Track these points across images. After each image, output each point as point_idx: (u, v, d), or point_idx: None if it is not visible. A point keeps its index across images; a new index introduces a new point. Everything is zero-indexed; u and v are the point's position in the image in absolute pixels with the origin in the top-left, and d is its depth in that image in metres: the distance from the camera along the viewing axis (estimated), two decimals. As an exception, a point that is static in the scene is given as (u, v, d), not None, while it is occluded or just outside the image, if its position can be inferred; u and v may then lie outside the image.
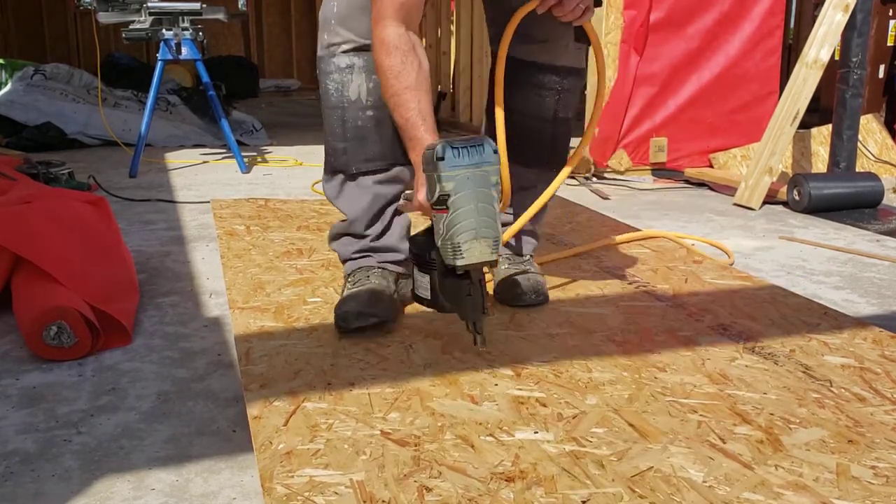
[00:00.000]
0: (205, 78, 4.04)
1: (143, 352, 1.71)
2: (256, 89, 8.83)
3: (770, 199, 3.27)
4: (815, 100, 3.52)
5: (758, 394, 1.42)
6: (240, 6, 10.24)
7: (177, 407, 1.46)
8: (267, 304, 1.88)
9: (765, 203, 3.26)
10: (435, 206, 1.44)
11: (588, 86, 3.70)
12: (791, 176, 3.30)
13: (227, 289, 2.00)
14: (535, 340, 1.66)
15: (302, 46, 10.31)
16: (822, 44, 3.27)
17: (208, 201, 3.21)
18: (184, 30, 3.89)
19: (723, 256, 2.45)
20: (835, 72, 3.44)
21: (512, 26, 1.74)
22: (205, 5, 3.97)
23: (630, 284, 2.06)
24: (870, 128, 4.00)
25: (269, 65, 10.30)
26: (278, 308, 1.85)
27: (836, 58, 3.44)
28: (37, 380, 1.57)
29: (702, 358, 1.58)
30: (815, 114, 4.49)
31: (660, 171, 4.02)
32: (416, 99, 1.54)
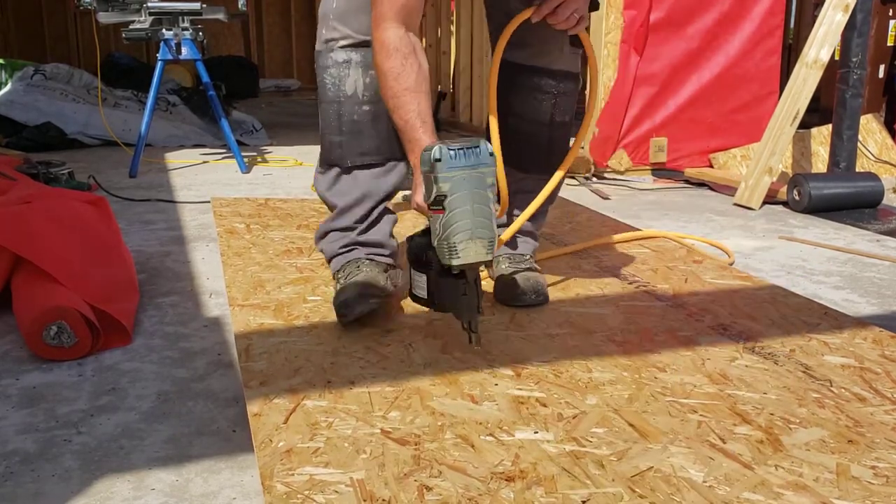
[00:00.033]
0: (205, 78, 4.04)
1: (143, 352, 1.72)
2: (256, 89, 8.84)
3: (770, 199, 3.27)
4: (815, 100, 3.52)
5: (758, 394, 1.42)
6: (240, 6, 10.25)
7: (177, 407, 1.46)
8: (267, 301, 1.88)
9: (765, 203, 3.26)
10: (432, 207, 1.46)
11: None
12: (791, 176, 3.30)
13: (227, 286, 2.00)
14: (535, 340, 1.66)
15: (302, 46, 10.31)
16: (822, 44, 3.27)
17: (208, 201, 3.21)
18: (184, 30, 3.90)
19: (723, 256, 2.45)
20: (835, 72, 3.44)
21: (506, 35, 1.79)
22: (205, 5, 3.97)
23: (630, 284, 2.06)
24: (870, 128, 4.00)
25: (269, 65, 10.31)
26: (278, 306, 1.85)
27: (836, 58, 3.45)
28: (37, 380, 1.57)
29: (702, 358, 1.58)
30: (815, 114, 4.49)
31: (660, 171, 4.02)
32: (416, 101, 1.56)
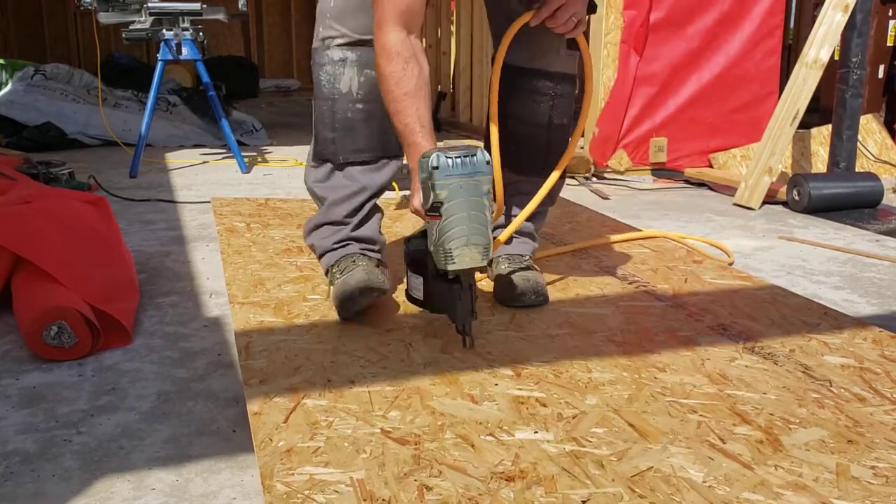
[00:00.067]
0: (205, 78, 4.04)
1: (143, 352, 1.72)
2: (256, 89, 8.83)
3: (770, 199, 3.27)
4: (815, 100, 3.52)
5: (757, 394, 1.42)
6: (240, 6, 10.24)
7: (177, 407, 1.46)
8: (267, 299, 1.88)
9: (765, 203, 3.26)
10: (429, 213, 1.50)
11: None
12: (791, 176, 3.30)
13: (227, 284, 2.00)
14: (534, 341, 1.66)
15: (302, 46, 10.30)
16: (822, 44, 3.27)
17: (208, 201, 3.21)
18: (184, 30, 3.89)
19: (723, 256, 2.45)
20: (835, 72, 3.44)
21: (508, 38, 1.80)
22: (205, 5, 3.97)
23: (630, 284, 2.06)
24: (869, 128, 4.00)
25: (269, 65, 10.30)
26: (278, 304, 1.85)
27: (836, 58, 3.45)
28: (37, 380, 1.57)
29: (701, 358, 1.58)
30: (815, 114, 4.49)
31: (660, 171, 4.02)
32: (415, 106, 1.58)
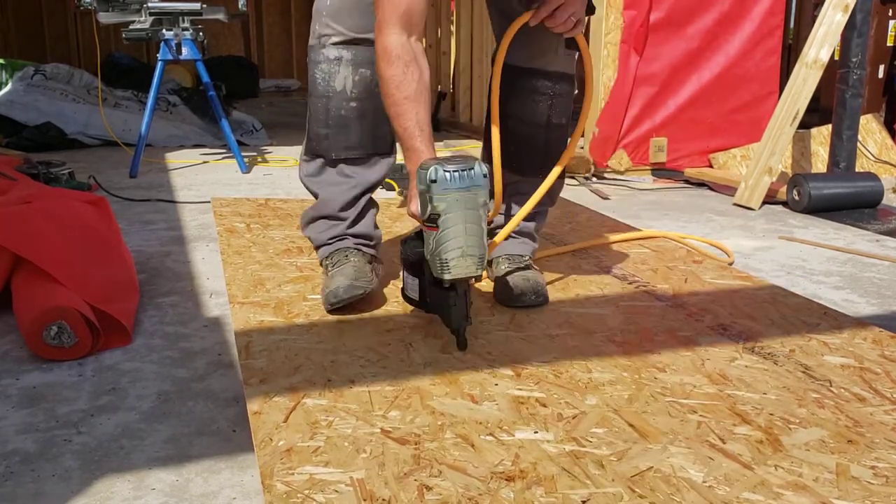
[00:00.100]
0: (205, 78, 4.04)
1: (143, 352, 1.72)
2: (256, 89, 8.83)
3: (770, 199, 3.27)
4: (815, 100, 3.52)
5: (757, 394, 1.42)
6: (240, 6, 10.24)
7: (177, 407, 1.47)
8: (267, 299, 1.88)
9: (764, 203, 3.26)
10: (426, 223, 1.53)
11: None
12: (791, 176, 3.30)
13: (227, 284, 2.00)
14: (534, 341, 1.66)
15: (302, 47, 10.29)
16: (822, 44, 3.27)
17: (208, 201, 3.21)
18: (184, 30, 3.89)
19: (723, 256, 2.45)
20: (835, 72, 3.44)
21: (507, 38, 1.81)
22: (205, 5, 3.97)
23: (630, 284, 2.06)
24: (869, 128, 4.00)
25: (269, 65, 10.30)
26: (278, 304, 1.85)
27: (836, 58, 3.45)
28: (37, 380, 1.57)
29: (701, 358, 1.58)
30: (815, 114, 4.49)
31: (660, 171, 4.02)
32: (415, 111, 1.60)
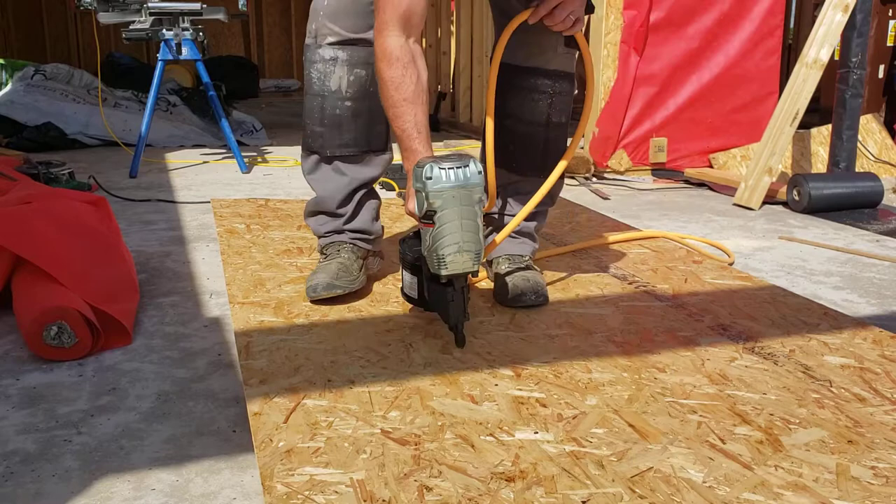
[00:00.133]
0: (205, 78, 4.04)
1: (143, 352, 1.72)
2: (256, 89, 8.84)
3: (770, 199, 3.27)
4: (815, 100, 3.53)
5: (758, 394, 1.42)
6: (240, 6, 10.24)
7: (177, 407, 1.46)
8: (267, 299, 1.88)
9: (765, 203, 3.26)
10: (423, 220, 1.55)
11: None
12: (791, 176, 3.30)
13: (228, 284, 2.00)
14: (534, 341, 1.66)
15: (302, 47, 10.23)
16: (822, 44, 3.27)
17: (208, 201, 3.22)
18: (184, 30, 3.89)
19: (723, 256, 2.45)
20: (835, 72, 3.44)
21: (505, 35, 1.81)
22: (205, 5, 3.97)
23: (630, 284, 2.06)
24: (869, 128, 4.00)
25: (269, 65, 10.30)
26: (278, 304, 1.85)
27: (836, 58, 3.45)
28: (37, 380, 1.57)
29: (702, 358, 1.58)
30: (815, 114, 4.49)
31: (660, 171, 4.02)
32: (413, 112, 1.62)
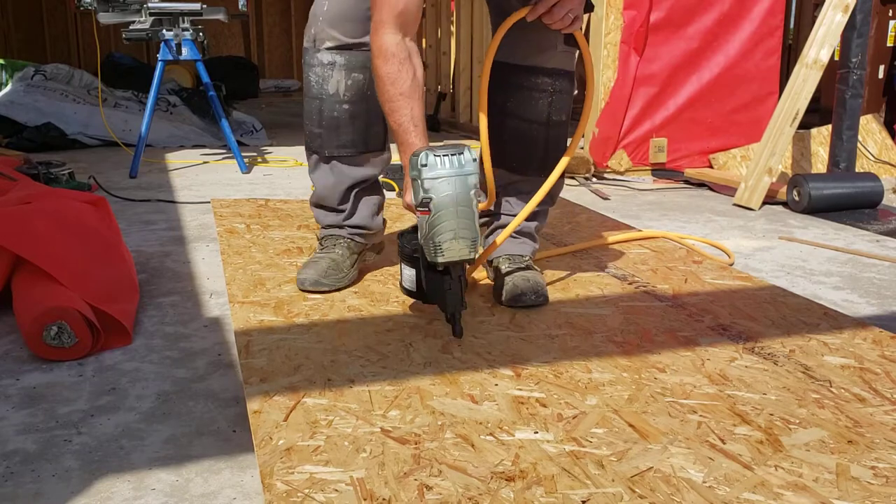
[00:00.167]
0: (205, 78, 4.04)
1: (143, 352, 1.72)
2: (256, 89, 8.84)
3: (770, 199, 3.27)
4: (815, 100, 3.53)
5: (758, 394, 1.42)
6: (240, 6, 10.24)
7: (177, 407, 1.47)
8: (267, 299, 1.88)
9: (765, 203, 3.26)
10: (419, 208, 1.57)
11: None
12: (791, 176, 3.30)
13: (228, 284, 2.00)
14: (534, 341, 1.66)
15: (302, 47, 10.29)
16: (822, 44, 3.27)
17: (208, 201, 3.22)
18: (184, 30, 3.90)
19: (723, 257, 2.45)
20: (835, 72, 3.44)
21: (501, 32, 1.80)
22: (205, 6, 3.97)
23: (630, 284, 2.06)
24: (869, 128, 4.00)
25: (269, 65, 10.30)
26: (278, 303, 1.85)
27: (836, 58, 3.45)
28: (37, 380, 1.57)
29: (701, 358, 1.58)
30: (815, 114, 4.49)
31: (660, 171, 4.02)
32: (409, 106, 1.64)
